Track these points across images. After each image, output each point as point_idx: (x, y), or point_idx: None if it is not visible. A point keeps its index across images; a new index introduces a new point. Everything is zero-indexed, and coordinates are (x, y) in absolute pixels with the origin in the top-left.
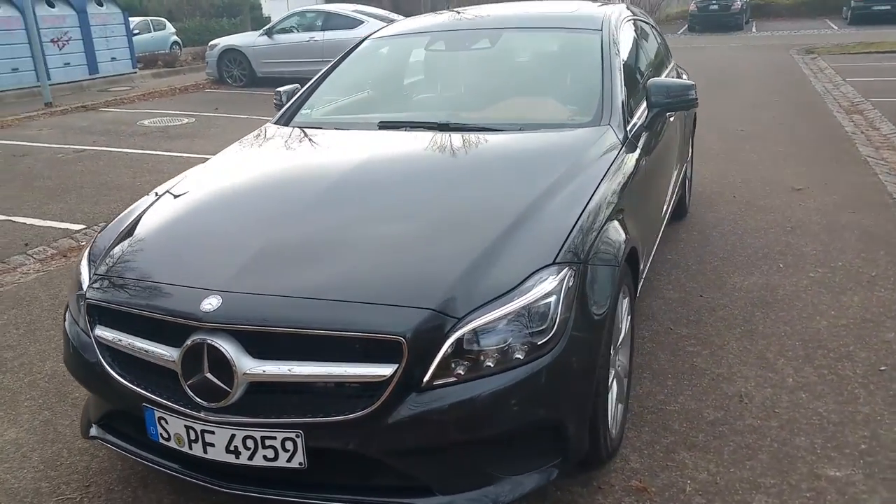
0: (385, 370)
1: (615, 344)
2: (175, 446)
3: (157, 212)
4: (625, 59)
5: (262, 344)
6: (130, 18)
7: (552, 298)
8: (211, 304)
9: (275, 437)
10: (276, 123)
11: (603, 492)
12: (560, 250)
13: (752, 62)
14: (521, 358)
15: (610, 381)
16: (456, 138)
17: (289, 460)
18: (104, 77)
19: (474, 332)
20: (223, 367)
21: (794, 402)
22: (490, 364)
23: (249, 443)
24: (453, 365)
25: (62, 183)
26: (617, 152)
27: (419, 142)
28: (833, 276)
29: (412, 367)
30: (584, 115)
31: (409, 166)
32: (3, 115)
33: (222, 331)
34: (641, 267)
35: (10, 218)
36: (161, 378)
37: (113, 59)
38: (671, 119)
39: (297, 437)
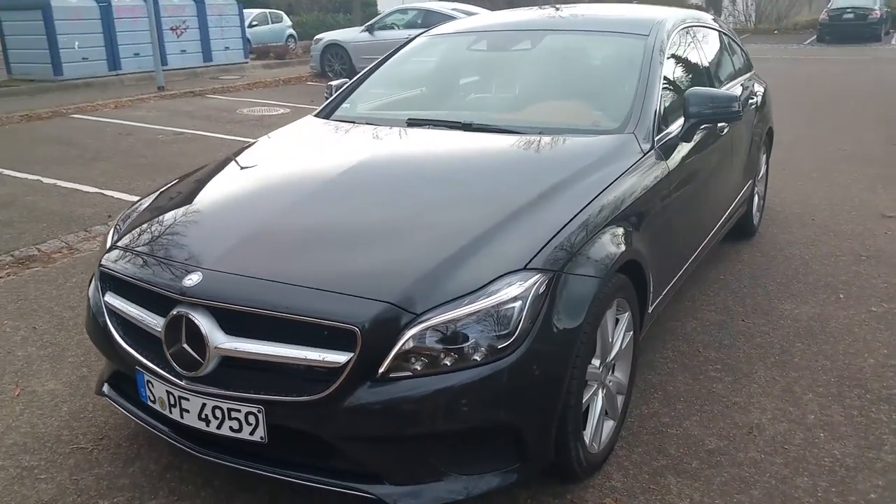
0: (341, 357)
1: (604, 359)
2: (159, 409)
3: (176, 191)
4: (674, 66)
5: (235, 321)
6: (250, 10)
7: (517, 304)
8: (192, 280)
9: (239, 410)
10: (316, 116)
11: (569, 499)
12: (534, 256)
13: (879, 77)
14: (479, 360)
15: (590, 395)
16: (473, 138)
17: (251, 433)
18: (217, 65)
19: (433, 329)
20: (198, 339)
21: (809, 440)
22: (447, 362)
23: (217, 413)
24: (411, 359)
25: (156, 162)
26: (634, 162)
27: (436, 140)
28: (866, 315)
29: (367, 357)
30: (610, 121)
31: (416, 164)
32: (120, 96)
33: (201, 306)
34: (651, 283)
35: (101, 191)
36: (151, 345)
37: (226, 48)
38: (725, 132)
39: (259, 412)
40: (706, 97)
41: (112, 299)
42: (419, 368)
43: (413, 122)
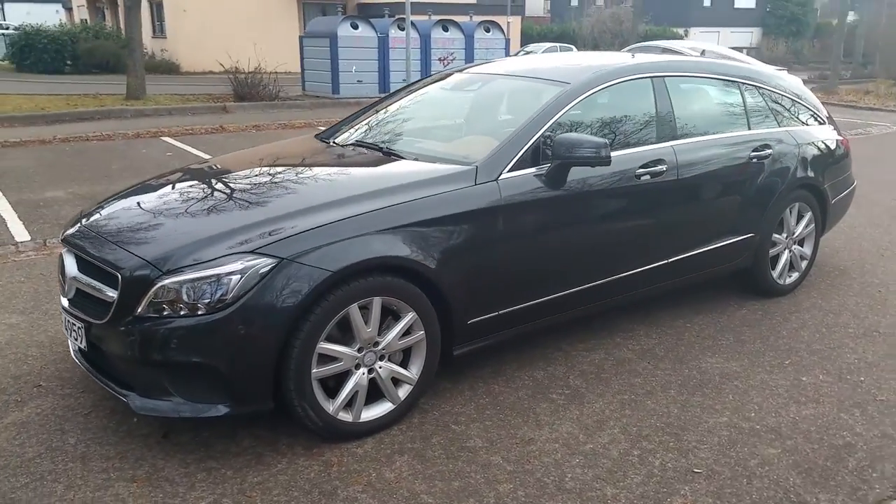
0: (113, 294)
1: (367, 346)
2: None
3: (149, 180)
4: (600, 112)
5: (83, 262)
6: (540, 44)
7: (235, 276)
8: (69, 231)
9: (76, 326)
10: (315, 136)
11: (307, 455)
12: (269, 244)
13: None
14: (201, 312)
15: (334, 371)
16: (371, 157)
17: (80, 343)
18: None
19: (174, 284)
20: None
21: (560, 461)
22: (181, 311)
23: (70, 326)
24: (159, 305)
25: None
26: (456, 188)
27: (343, 156)
28: (787, 382)
29: (128, 298)
30: (474, 155)
31: (300, 172)
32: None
33: (69, 249)
34: (452, 296)
35: None
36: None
37: None
38: (663, 179)
39: (81, 328)
40: (572, 142)
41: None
42: (163, 313)
43: (357, 144)
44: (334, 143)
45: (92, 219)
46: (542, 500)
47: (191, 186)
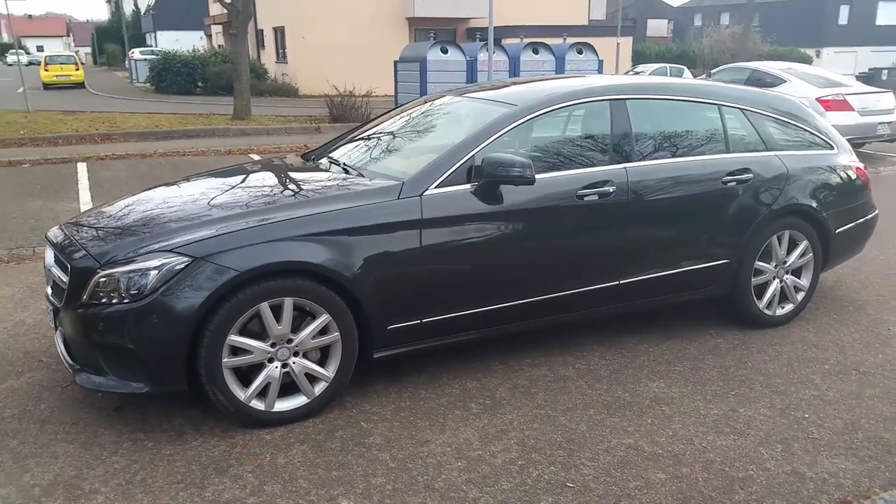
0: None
1: (280, 342)
2: None
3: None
4: (535, 134)
5: (58, 259)
6: (648, 65)
7: (154, 271)
8: (51, 230)
9: (49, 309)
10: (301, 155)
11: (221, 437)
12: (186, 244)
13: None
14: (126, 301)
15: (248, 362)
16: (328, 170)
17: (54, 326)
18: None
19: (108, 276)
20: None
21: (444, 463)
22: (112, 300)
23: (48, 309)
24: (97, 293)
25: None
26: (377, 202)
27: (306, 171)
28: (720, 412)
29: (76, 286)
30: (411, 171)
31: (255, 184)
32: None
33: (49, 245)
34: (366, 301)
35: None
36: None
37: None
38: (611, 199)
39: (51, 311)
40: (497, 161)
41: None
42: (101, 300)
43: (330, 160)
44: (311, 160)
45: (71, 221)
46: (407, 495)
47: (159, 194)
